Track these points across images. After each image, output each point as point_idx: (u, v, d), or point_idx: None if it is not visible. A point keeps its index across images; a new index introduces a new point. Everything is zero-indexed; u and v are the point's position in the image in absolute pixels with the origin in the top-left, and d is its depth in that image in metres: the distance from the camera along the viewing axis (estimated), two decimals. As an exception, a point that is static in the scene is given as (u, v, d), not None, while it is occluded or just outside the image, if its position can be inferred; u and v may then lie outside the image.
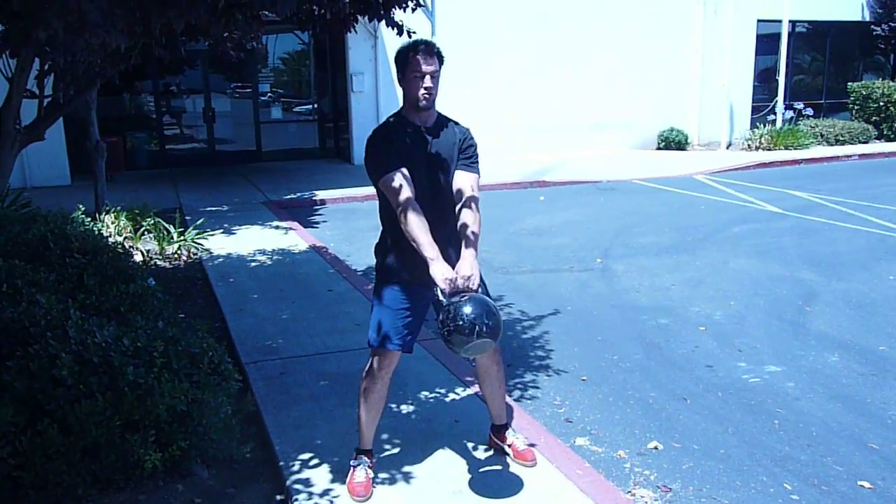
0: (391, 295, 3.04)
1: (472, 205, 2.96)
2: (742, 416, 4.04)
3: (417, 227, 2.79)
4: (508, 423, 3.46)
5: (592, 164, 13.93)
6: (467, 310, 2.61)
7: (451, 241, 2.97)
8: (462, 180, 3.01)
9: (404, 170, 2.88)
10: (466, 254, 2.85)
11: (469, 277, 2.75)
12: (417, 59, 2.89)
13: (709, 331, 5.36)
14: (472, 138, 3.11)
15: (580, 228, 8.93)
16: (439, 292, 2.72)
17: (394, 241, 3.01)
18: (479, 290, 2.82)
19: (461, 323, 2.60)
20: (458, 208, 2.98)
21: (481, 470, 3.29)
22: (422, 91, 2.91)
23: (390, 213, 2.95)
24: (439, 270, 2.73)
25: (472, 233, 2.90)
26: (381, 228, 3.11)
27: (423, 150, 2.98)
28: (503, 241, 8.10)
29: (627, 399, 4.27)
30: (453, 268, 2.81)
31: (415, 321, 3.07)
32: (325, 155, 15.43)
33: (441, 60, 2.95)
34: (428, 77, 2.90)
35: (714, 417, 4.03)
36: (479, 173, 3.08)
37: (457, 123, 3.13)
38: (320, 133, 15.75)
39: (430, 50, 2.92)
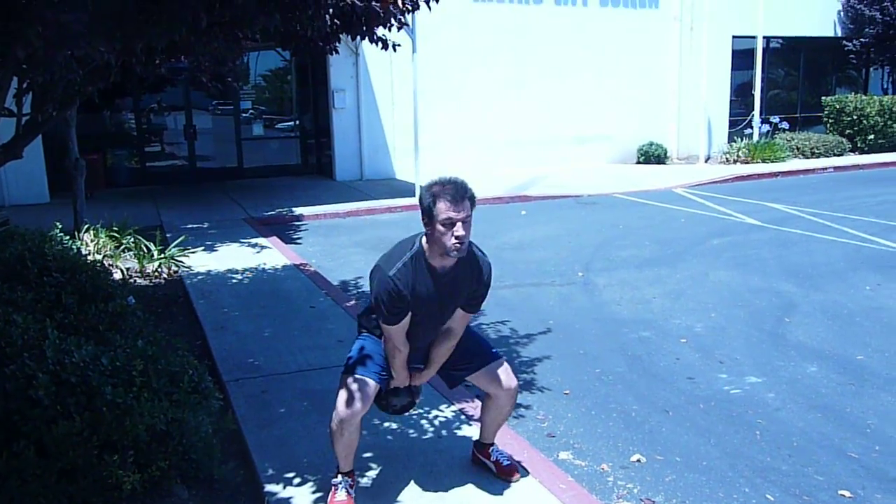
0: (378, 337, 3.12)
1: (453, 336, 3.10)
2: (723, 427, 4.07)
3: (398, 362, 3.04)
4: (493, 440, 3.46)
5: (573, 178, 14.03)
6: (398, 400, 3.24)
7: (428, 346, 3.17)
8: (458, 315, 3.07)
9: (405, 320, 2.91)
10: (426, 371, 3.18)
11: (412, 387, 3.21)
12: (448, 205, 2.68)
13: (690, 343, 5.39)
14: (487, 283, 3.04)
15: (561, 242, 8.98)
16: (389, 388, 3.19)
17: None
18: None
19: (393, 401, 3.24)
20: (443, 329, 3.08)
21: (466, 486, 3.28)
22: (453, 240, 2.71)
23: None
24: (397, 381, 3.14)
25: (440, 357, 3.14)
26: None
27: (434, 294, 2.91)
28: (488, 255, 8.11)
29: (610, 412, 4.28)
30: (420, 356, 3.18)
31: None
32: (306, 171, 15.41)
33: (473, 203, 2.74)
34: (460, 224, 2.68)
35: (696, 429, 4.05)
36: (478, 311, 3.19)
37: (479, 262, 2.98)
38: (302, 149, 15.73)
39: (461, 192, 2.70)
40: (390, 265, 2.84)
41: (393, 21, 4.25)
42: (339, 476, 3.13)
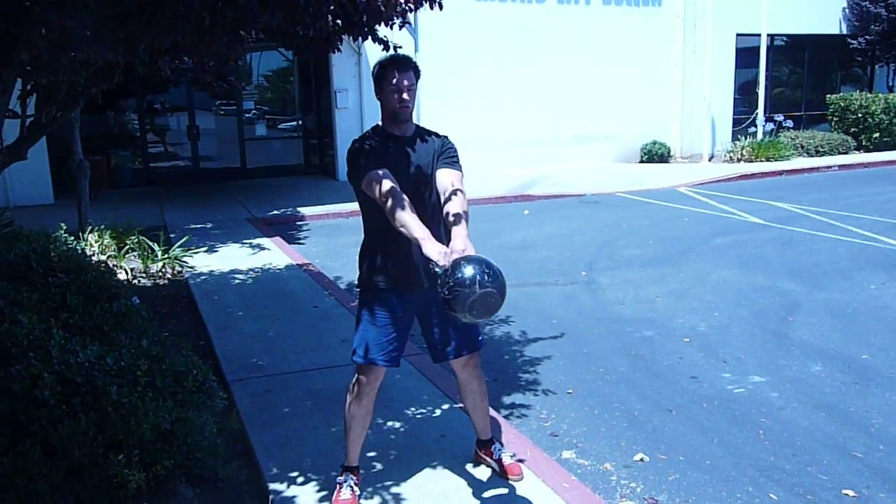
0: (376, 310, 3.05)
1: (458, 193, 2.93)
2: (727, 426, 4.07)
3: (405, 212, 2.75)
4: (494, 437, 3.46)
5: (576, 177, 14.03)
6: (466, 268, 2.50)
7: (438, 240, 2.86)
8: (445, 176, 3.00)
9: (385, 169, 2.89)
10: (458, 232, 2.75)
11: (463, 251, 2.64)
12: (394, 72, 2.95)
13: (693, 342, 5.39)
14: (451, 144, 3.15)
15: (565, 242, 8.98)
16: (436, 267, 2.58)
17: (377, 246, 3.03)
18: None
19: (460, 277, 2.47)
20: (444, 199, 2.96)
21: (468, 485, 3.29)
22: (398, 104, 2.97)
23: (374, 218, 2.98)
24: (432, 247, 2.64)
25: (462, 213, 2.84)
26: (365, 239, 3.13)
27: (403, 161, 3.01)
28: (488, 255, 8.09)
29: (613, 411, 4.28)
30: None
31: (400, 335, 3.08)
32: (309, 171, 15.43)
33: (417, 74, 3.01)
34: (405, 90, 2.96)
35: (699, 428, 4.05)
36: (461, 172, 3.08)
37: (435, 133, 3.17)
38: (305, 149, 15.76)
39: (406, 64, 2.98)
40: None
41: (395, 20, 4.25)
42: (344, 474, 3.15)
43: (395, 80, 2.95)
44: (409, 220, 2.73)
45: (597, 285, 7.00)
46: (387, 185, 2.84)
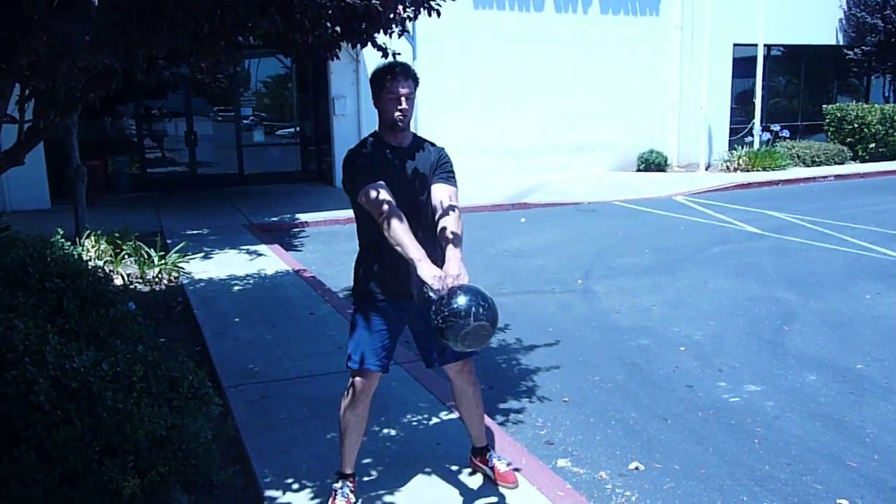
0: (370, 316, 3.06)
1: (453, 211, 2.97)
2: (722, 435, 4.07)
3: (401, 230, 2.76)
4: (489, 445, 3.46)
5: (573, 185, 14.06)
6: (461, 297, 2.54)
7: (432, 256, 2.91)
8: (440, 192, 3.02)
9: (382, 182, 2.90)
10: (452, 255, 2.79)
11: (458, 276, 2.67)
12: (392, 80, 2.93)
13: (689, 351, 5.40)
14: (447, 156, 3.15)
15: (561, 250, 8.99)
16: (429, 291, 2.61)
17: (372, 257, 3.03)
18: None
19: (455, 307, 2.52)
20: (438, 216, 2.98)
21: (463, 493, 3.29)
22: (397, 113, 2.95)
23: (369, 229, 2.98)
24: (427, 270, 2.66)
25: (456, 235, 2.87)
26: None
27: (399, 170, 3.01)
28: (485, 263, 8.13)
29: (608, 420, 4.29)
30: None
31: (392, 342, 3.10)
32: (307, 178, 15.44)
33: (416, 82, 3.00)
34: (403, 98, 2.94)
35: (694, 437, 4.05)
36: (456, 186, 3.10)
37: (432, 144, 3.17)
38: (302, 156, 15.77)
39: (404, 72, 2.96)
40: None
41: (394, 27, 4.27)
42: (340, 480, 3.15)
43: (393, 88, 2.93)
44: (404, 240, 2.74)
45: (593, 293, 7.01)
46: (383, 200, 2.83)
